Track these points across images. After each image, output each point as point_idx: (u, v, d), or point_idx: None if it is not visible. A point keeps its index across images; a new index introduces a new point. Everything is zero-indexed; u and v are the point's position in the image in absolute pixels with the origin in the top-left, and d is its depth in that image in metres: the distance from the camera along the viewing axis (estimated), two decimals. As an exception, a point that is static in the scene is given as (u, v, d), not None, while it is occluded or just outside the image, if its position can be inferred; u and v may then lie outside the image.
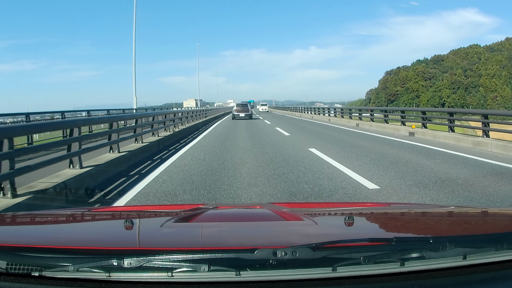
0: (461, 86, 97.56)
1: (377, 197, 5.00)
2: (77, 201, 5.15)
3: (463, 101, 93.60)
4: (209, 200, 4.88)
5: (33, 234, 1.45)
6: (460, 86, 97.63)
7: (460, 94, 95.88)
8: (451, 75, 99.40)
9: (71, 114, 16.75)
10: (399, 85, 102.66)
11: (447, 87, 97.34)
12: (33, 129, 7.36)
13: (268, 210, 1.76)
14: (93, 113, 18.70)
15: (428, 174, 6.48)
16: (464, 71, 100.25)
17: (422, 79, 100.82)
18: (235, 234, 1.40)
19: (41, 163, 5.29)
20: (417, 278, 1.03)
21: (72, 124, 6.61)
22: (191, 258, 0.99)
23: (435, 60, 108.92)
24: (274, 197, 4.97)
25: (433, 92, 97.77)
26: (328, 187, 5.52)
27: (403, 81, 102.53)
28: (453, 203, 4.53)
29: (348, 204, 3.17)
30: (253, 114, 34.49)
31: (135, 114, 12.09)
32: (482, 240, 1.15)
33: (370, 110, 22.17)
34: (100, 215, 1.93)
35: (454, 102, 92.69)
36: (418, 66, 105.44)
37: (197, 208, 1.76)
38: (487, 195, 5.02)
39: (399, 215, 1.82)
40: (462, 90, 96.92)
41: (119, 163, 7.24)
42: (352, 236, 1.32)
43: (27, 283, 1.01)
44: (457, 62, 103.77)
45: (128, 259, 0.98)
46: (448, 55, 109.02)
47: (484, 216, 1.76)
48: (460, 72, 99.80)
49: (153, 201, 4.99)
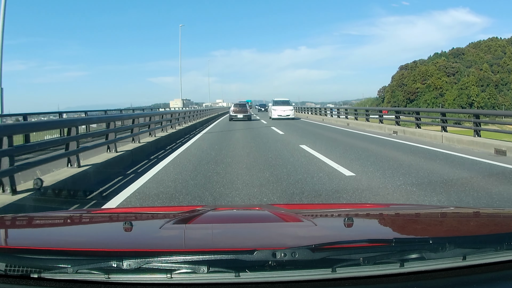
0: (490, 83, 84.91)
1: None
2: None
3: (493, 101, 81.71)
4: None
5: (32, 235, 1.45)
6: (489, 83, 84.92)
7: (490, 93, 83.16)
8: (477, 70, 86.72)
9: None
10: (419, 81, 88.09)
11: (474, 84, 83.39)
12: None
13: (267, 211, 1.76)
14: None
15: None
16: (490, 66, 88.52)
17: (445, 74, 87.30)
18: (234, 235, 1.40)
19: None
20: (417, 279, 1.03)
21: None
22: (190, 260, 0.99)
23: (455, 54, 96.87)
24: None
25: (459, 89, 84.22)
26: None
27: (423, 77, 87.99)
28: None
29: (348, 205, 3.17)
30: (252, 115, 31.16)
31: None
32: (482, 241, 1.15)
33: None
34: (99, 217, 1.93)
35: (484, 102, 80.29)
36: (438, 60, 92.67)
37: (196, 210, 1.76)
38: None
39: (398, 215, 1.82)
40: (492, 88, 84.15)
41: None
42: (351, 237, 1.32)
43: (26, 284, 1.01)
44: (480, 56, 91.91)
45: (127, 261, 0.97)
46: (468, 48, 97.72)
47: (484, 217, 1.77)
48: (487, 67, 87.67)
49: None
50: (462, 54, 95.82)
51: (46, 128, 8.58)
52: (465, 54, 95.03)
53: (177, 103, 51.04)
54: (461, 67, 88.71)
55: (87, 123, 12.25)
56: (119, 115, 12.70)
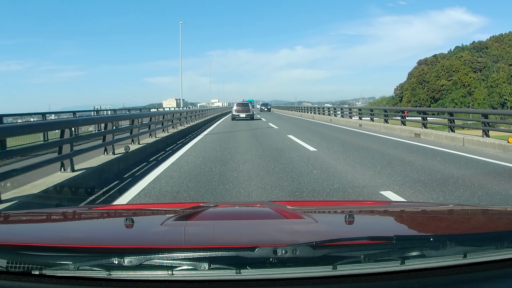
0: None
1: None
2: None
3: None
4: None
5: (33, 232, 1.45)
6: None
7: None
8: (507, 66, 75.06)
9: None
10: (444, 77, 75.88)
11: (506, 81, 72.24)
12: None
13: (268, 208, 1.76)
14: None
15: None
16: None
17: (471, 70, 75.55)
18: (235, 232, 1.40)
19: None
20: (418, 276, 1.03)
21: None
22: (192, 256, 0.99)
23: (477, 48, 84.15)
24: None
25: (488, 87, 73.28)
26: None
27: (448, 73, 76.04)
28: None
29: (349, 203, 3.18)
30: (254, 114, 30.71)
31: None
32: (483, 239, 1.15)
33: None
34: (101, 213, 1.93)
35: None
36: (462, 54, 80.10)
37: (197, 206, 1.76)
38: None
39: (399, 213, 1.82)
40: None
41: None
42: (352, 234, 1.32)
43: (27, 281, 1.01)
44: (507, 51, 79.89)
45: (129, 258, 0.98)
46: (490, 42, 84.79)
47: (485, 215, 1.76)
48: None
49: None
50: (486, 48, 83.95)
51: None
52: (489, 48, 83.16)
53: (171, 103, 47.81)
54: (488, 62, 77.40)
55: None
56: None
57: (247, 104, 30.04)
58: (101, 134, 7.84)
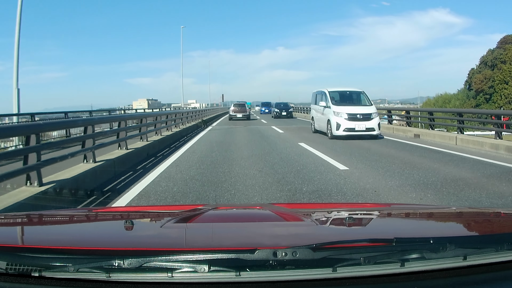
0: None
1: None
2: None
3: None
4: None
5: (33, 234, 1.45)
6: None
7: None
8: None
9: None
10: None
11: None
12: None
13: (268, 210, 1.76)
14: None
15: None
16: None
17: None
18: (235, 234, 1.40)
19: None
20: (417, 278, 1.03)
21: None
22: (191, 259, 0.99)
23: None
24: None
25: None
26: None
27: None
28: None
29: (348, 205, 3.17)
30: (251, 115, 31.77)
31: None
32: (483, 241, 1.15)
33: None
34: (100, 215, 1.93)
35: None
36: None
37: (197, 209, 1.76)
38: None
39: (399, 215, 1.82)
40: None
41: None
42: (352, 236, 1.32)
43: (27, 283, 1.01)
44: None
45: (128, 260, 0.97)
46: None
47: (485, 217, 1.76)
48: None
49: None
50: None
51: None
52: None
53: (142, 104, 45.07)
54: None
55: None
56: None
57: (244, 104, 32.26)
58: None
